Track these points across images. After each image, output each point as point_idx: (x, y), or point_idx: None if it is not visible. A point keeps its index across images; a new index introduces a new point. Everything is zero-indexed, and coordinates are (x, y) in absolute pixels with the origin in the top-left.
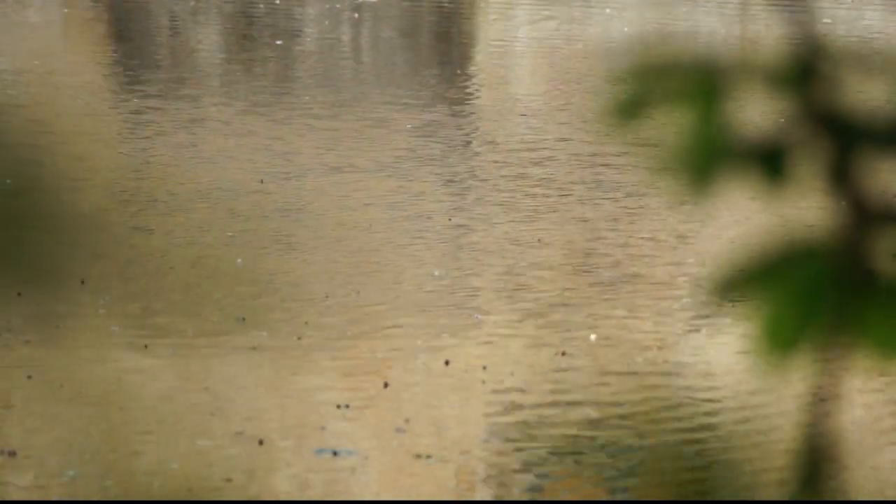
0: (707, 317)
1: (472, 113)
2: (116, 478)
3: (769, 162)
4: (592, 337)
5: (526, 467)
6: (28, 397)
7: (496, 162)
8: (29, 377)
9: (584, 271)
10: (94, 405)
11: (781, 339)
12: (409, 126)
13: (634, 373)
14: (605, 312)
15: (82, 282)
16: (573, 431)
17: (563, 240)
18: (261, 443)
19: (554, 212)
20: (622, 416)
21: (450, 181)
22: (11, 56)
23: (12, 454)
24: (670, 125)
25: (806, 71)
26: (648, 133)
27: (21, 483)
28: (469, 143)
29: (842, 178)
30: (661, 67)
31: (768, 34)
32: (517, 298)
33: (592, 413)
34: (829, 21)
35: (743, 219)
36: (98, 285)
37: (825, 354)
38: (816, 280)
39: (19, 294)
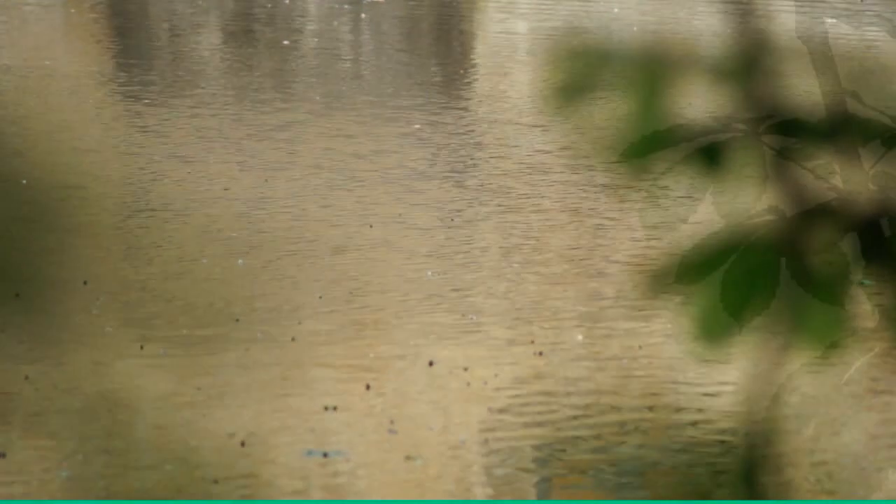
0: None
1: (474, 114)
2: (109, 478)
3: (710, 154)
4: (580, 338)
5: (516, 468)
6: (24, 397)
7: (497, 163)
8: (26, 378)
9: (580, 273)
10: (88, 405)
11: (717, 328)
12: (416, 126)
13: (623, 372)
14: (595, 314)
15: (85, 282)
16: (563, 431)
17: (562, 242)
18: (247, 444)
19: (554, 213)
20: (609, 416)
21: (450, 182)
22: (19, 57)
23: (2, 455)
24: (614, 114)
25: (749, 66)
26: (590, 120)
27: (14, 483)
28: (470, 144)
29: (781, 171)
30: (602, 57)
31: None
32: (510, 300)
33: (579, 412)
34: (833, 21)
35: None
36: (96, 287)
37: (762, 343)
38: (753, 271)
39: (17, 295)
